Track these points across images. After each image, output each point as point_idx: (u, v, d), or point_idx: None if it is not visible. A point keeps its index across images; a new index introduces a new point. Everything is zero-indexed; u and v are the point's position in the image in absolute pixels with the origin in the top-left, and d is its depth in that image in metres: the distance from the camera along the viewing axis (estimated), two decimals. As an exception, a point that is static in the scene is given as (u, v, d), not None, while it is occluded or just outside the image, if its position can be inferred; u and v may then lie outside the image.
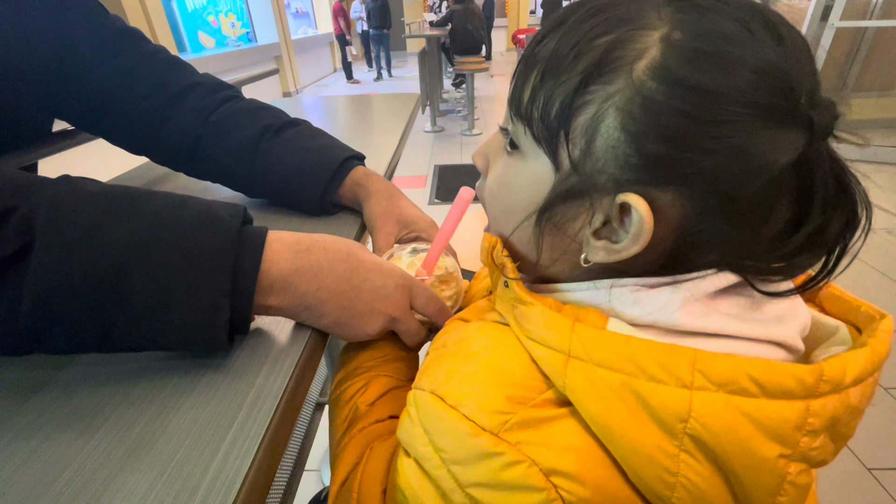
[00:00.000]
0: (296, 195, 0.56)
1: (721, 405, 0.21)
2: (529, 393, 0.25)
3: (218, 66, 4.33)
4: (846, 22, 2.81)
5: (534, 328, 0.27)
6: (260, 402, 0.30)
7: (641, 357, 0.23)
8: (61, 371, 0.33)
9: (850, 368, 0.22)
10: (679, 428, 0.22)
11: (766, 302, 0.26)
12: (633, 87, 0.23)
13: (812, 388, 0.22)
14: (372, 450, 0.35)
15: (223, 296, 0.31)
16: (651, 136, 0.22)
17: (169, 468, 0.26)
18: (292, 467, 0.96)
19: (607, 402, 0.23)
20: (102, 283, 0.28)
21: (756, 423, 0.21)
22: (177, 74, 0.56)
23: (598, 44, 0.24)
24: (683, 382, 0.22)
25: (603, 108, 0.23)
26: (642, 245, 0.24)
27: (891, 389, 1.41)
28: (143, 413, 0.30)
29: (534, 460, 0.23)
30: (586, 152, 0.25)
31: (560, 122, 0.25)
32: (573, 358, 0.24)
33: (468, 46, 4.75)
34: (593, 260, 0.26)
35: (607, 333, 0.25)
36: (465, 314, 0.37)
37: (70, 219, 0.28)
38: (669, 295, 0.25)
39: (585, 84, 0.24)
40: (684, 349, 0.23)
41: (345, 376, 0.41)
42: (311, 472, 1.25)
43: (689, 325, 0.25)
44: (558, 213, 0.27)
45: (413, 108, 1.11)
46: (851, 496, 1.14)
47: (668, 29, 0.23)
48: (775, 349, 0.25)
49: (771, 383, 0.21)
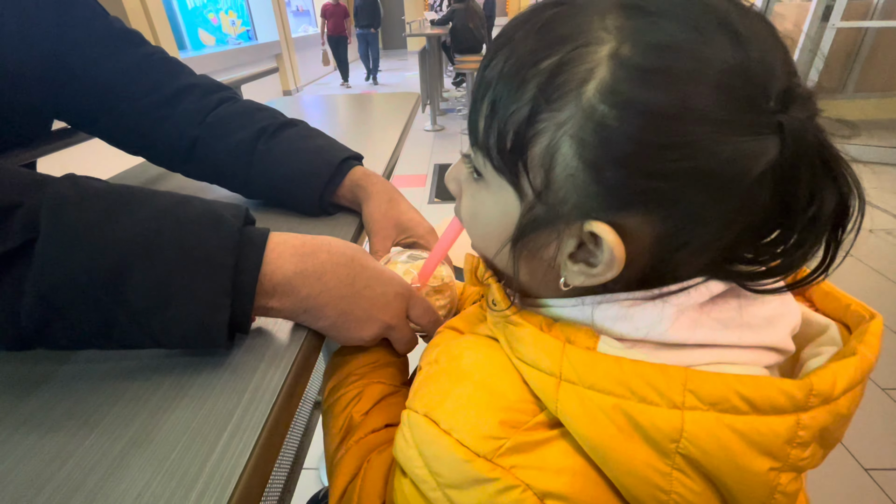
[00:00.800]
0: (294, 196, 0.56)
1: (712, 423, 0.21)
2: (523, 416, 0.25)
3: (218, 63, 4.31)
4: (847, 22, 2.81)
5: (524, 350, 0.27)
6: (257, 400, 0.31)
7: (632, 379, 0.23)
8: (61, 366, 0.34)
9: (839, 380, 0.22)
10: (671, 448, 0.22)
11: (757, 303, 0.25)
12: (584, 114, 0.21)
13: (802, 402, 0.22)
14: (369, 462, 0.35)
15: (224, 295, 0.31)
16: (608, 164, 0.21)
17: (166, 464, 0.26)
18: (291, 465, 0.97)
19: (599, 424, 0.23)
20: (104, 280, 0.29)
21: (747, 439, 0.21)
22: (174, 76, 0.56)
23: (543, 68, 0.22)
24: (674, 403, 0.22)
25: (556, 137, 0.22)
26: (617, 270, 0.23)
27: (888, 390, 1.41)
28: (141, 410, 0.30)
29: (528, 484, 0.23)
30: (546, 182, 0.23)
31: (516, 153, 0.24)
32: (564, 381, 0.24)
33: (469, 45, 4.75)
34: (572, 284, 0.26)
35: (598, 356, 0.24)
36: (457, 323, 0.36)
37: (74, 216, 0.29)
38: (660, 310, 0.25)
39: (535, 113, 0.23)
40: (675, 369, 0.22)
41: (337, 384, 0.41)
42: (310, 470, 1.26)
43: (679, 338, 0.24)
44: (531, 241, 0.26)
45: (413, 106, 1.11)
46: (848, 496, 1.15)
47: (616, 44, 0.21)
48: (766, 353, 0.25)
49: (760, 400, 0.21)
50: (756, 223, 0.23)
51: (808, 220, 0.22)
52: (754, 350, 0.25)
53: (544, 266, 0.27)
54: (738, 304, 0.25)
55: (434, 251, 0.44)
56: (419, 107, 1.19)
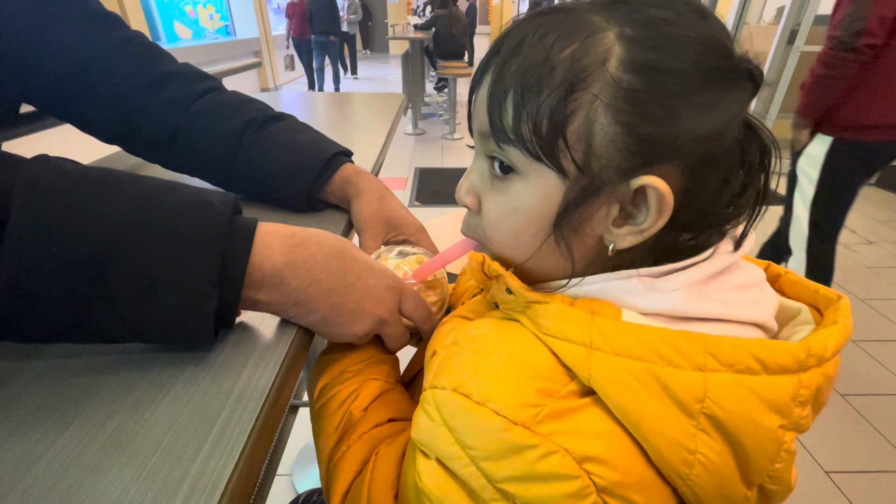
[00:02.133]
0: (281, 191, 0.54)
1: (731, 383, 0.24)
2: (556, 385, 0.26)
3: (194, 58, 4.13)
4: (812, 46, 2.96)
5: (552, 324, 0.27)
6: (245, 401, 0.29)
7: (659, 344, 0.25)
8: (29, 362, 0.31)
9: (829, 343, 0.25)
10: (697, 408, 0.24)
11: (745, 286, 0.29)
12: (614, 84, 0.25)
13: (803, 362, 0.24)
14: (377, 455, 0.34)
15: (211, 285, 0.30)
16: (643, 121, 0.25)
17: (147, 467, 0.25)
18: (264, 470, 0.93)
19: (632, 389, 0.24)
20: (82, 266, 0.27)
21: (761, 397, 0.24)
22: (156, 61, 0.54)
23: (565, 55, 0.26)
24: (698, 365, 0.24)
25: (592, 110, 0.25)
26: (666, 218, 0.26)
27: (847, 396, 1.48)
28: (119, 408, 0.28)
29: (567, 449, 0.24)
30: (588, 153, 0.26)
31: (556, 134, 0.26)
32: (595, 350, 0.25)
33: (452, 51, 4.78)
34: (622, 246, 0.28)
35: (625, 325, 0.26)
36: (465, 312, 0.36)
37: (49, 198, 0.27)
38: (671, 284, 0.27)
39: (569, 93, 0.26)
40: (695, 335, 0.25)
41: (329, 382, 0.40)
42: (283, 476, 1.22)
43: (691, 311, 0.27)
44: (576, 216, 0.28)
45: (398, 108, 1.10)
46: (810, 497, 1.19)
47: (619, 28, 0.25)
48: (756, 330, 0.28)
49: (772, 361, 0.24)
50: (734, 176, 0.27)
51: (750, 166, 0.28)
52: (748, 327, 0.28)
53: (585, 240, 0.29)
54: (731, 284, 0.29)
55: (436, 259, 0.43)
56: (403, 108, 1.19)
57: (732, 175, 0.27)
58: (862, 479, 1.24)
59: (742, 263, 0.30)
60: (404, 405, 0.39)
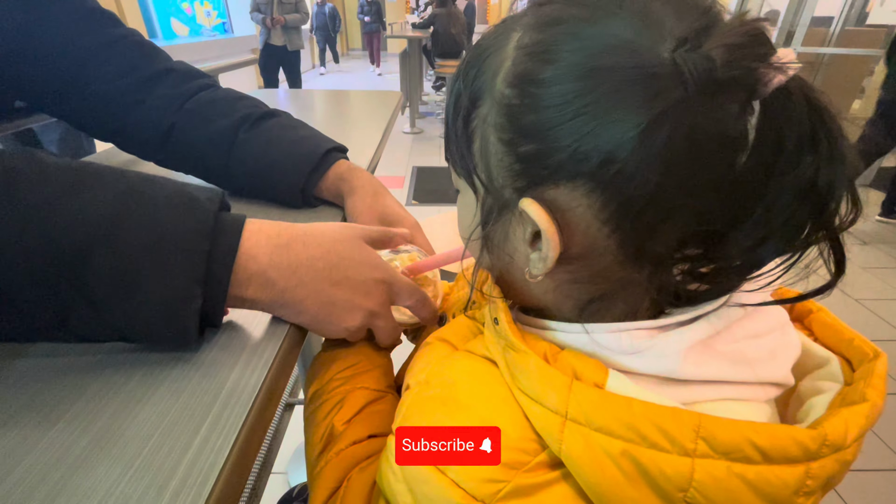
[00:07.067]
0: (275, 187, 0.54)
1: (722, 473, 0.21)
2: (524, 457, 0.24)
3: (190, 55, 4.17)
4: (808, 48, 2.98)
5: (528, 383, 0.25)
6: (235, 397, 0.29)
7: (643, 423, 0.21)
8: (13, 361, 0.31)
9: (851, 429, 0.22)
10: (678, 497, 0.21)
11: (760, 334, 0.25)
12: (495, 101, 0.24)
13: (814, 453, 0.21)
14: (349, 481, 0.33)
15: (196, 283, 0.29)
16: (520, 138, 0.23)
17: (136, 462, 0.25)
18: (259, 468, 0.94)
19: (605, 469, 0.22)
20: (62, 263, 0.26)
21: (756, 489, 0.21)
22: (150, 59, 0.54)
23: (469, 77, 0.26)
24: (686, 451, 0.21)
25: (484, 129, 0.25)
26: (555, 246, 0.23)
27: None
28: (107, 406, 0.28)
29: None
30: (487, 172, 0.26)
31: (464, 154, 0.27)
32: (570, 421, 0.23)
33: (450, 50, 4.77)
34: (535, 273, 0.25)
35: (607, 395, 0.23)
36: (447, 335, 0.35)
37: (28, 190, 0.26)
38: (669, 345, 0.24)
39: (467, 116, 0.26)
40: (688, 414, 0.21)
41: (319, 389, 0.40)
42: (278, 474, 1.22)
43: (688, 374, 0.24)
44: (492, 235, 0.27)
45: (395, 106, 1.10)
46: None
47: (520, 35, 0.23)
48: (769, 387, 0.25)
49: (774, 450, 0.21)
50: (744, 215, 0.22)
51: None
52: (759, 386, 0.25)
53: (513, 264, 0.27)
54: (741, 335, 0.25)
55: (433, 259, 0.43)
56: (400, 106, 1.19)
57: (742, 214, 0.22)
58: (857, 478, 1.24)
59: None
60: (387, 419, 0.38)
